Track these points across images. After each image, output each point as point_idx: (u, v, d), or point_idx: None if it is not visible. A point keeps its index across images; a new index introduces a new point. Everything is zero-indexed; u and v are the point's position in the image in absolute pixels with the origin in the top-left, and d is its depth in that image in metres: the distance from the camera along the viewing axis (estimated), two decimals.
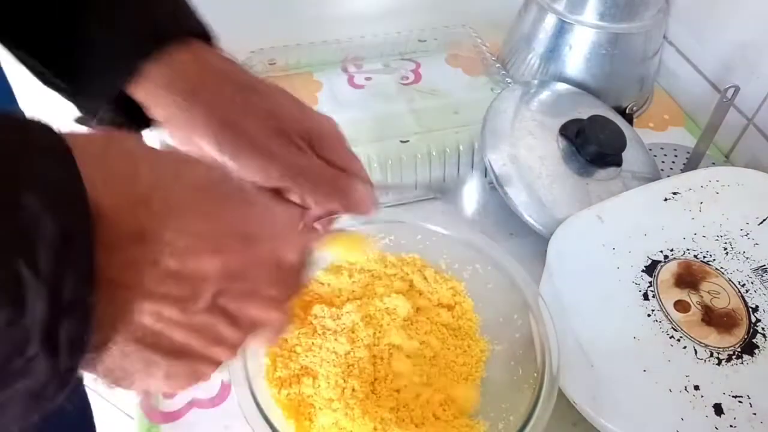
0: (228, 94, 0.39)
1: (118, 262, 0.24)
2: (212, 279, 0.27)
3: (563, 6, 0.72)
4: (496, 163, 0.61)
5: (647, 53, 0.75)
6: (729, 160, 0.74)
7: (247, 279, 0.29)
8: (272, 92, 0.41)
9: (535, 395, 0.43)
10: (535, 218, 0.59)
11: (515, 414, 0.44)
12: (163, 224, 0.25)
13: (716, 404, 0.45)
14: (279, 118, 0.40)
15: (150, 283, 0.25)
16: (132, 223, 0.24)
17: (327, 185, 0.40)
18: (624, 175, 0.63)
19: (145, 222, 0.25)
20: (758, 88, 0.69)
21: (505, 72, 0.77)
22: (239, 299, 0.29)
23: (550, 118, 0.65)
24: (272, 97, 0.41)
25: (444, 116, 0.72)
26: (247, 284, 0.29)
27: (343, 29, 0.80)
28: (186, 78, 0.38)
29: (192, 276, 0.26)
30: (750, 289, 0.52)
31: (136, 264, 0.24)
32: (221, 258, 0.27)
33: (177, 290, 0.26)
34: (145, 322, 0.25)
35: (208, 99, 0.38)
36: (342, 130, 0.43)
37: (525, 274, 0.50)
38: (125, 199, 0.24)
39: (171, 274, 0.25)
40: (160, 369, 0.27)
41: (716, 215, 0.57)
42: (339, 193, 0.40)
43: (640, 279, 0.52)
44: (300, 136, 0.40)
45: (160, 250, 0.25)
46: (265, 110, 0.40)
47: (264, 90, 0.41)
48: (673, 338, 0.49)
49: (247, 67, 0.42)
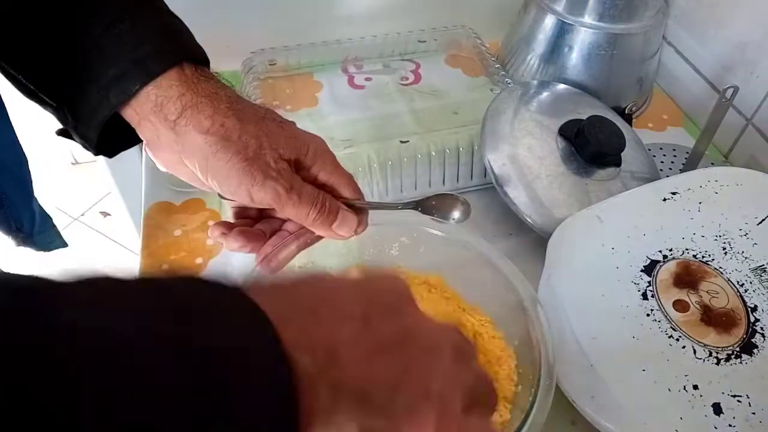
0: (218, 116, 0.39)
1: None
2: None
3: (563, 7, 0.73)
4: (495, 163, 0.61)
5: (646, 54, 0.75)
6: (728, 160, 0.74)
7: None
8: (261, 116, 0.41)
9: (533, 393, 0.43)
10: (535, 218, 0.59)
11: (514, 411, 0.44)
12: (359, 384, 0.24)
13: (715, 404, 0.45)
14: (268, 140, 0.40)
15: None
16: (329, 382, 0.23)
17: (316, 211, 0.41)
18: (623, 175, 0.64)
19: (341, 381, 0.24)
20: (757, 88, 0.69)
21: (505, 72, 0.77)
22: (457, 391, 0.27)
23: (550, 119, 0.66)
24: (261, 121, 0.41)
25: (444, 116, 0.72)
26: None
27: (343, 30, 0.81)
28: (177, 101, 0.38)
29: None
30: (749, 289, 0.52)
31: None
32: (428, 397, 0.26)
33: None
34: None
35: (199, 123, 0.38)
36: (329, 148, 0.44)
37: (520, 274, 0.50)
38: (314, 363, 0.23)
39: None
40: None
41: (715, 215, 0.57)
42: (325, 221, 0.41)
43: (639, 279, 0.53)
44: (288, 158, 0.41)
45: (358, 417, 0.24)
46: (254, 134, 0.40)
47: (253, 114, 0.41)
48: (672, 338, 0.49)
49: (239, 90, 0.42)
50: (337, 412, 0.23)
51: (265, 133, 0.40)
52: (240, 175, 0.39)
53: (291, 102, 0.73)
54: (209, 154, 0.38)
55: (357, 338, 0.25)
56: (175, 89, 0.39)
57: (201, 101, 0.39)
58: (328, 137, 0.67)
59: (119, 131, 0.41)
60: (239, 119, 0.40)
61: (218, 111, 0.39)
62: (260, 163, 0.39)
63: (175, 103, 0.38)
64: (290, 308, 0.24)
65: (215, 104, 0.39)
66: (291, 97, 0.74)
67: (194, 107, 0.39)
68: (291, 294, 0.26)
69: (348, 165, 0.63)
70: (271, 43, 0.77)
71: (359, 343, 0.25)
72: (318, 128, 0.68)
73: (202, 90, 0.39)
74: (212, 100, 0.39)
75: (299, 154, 0.42)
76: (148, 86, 0.38)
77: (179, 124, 0.38)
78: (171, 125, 0.38)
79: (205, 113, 0.39)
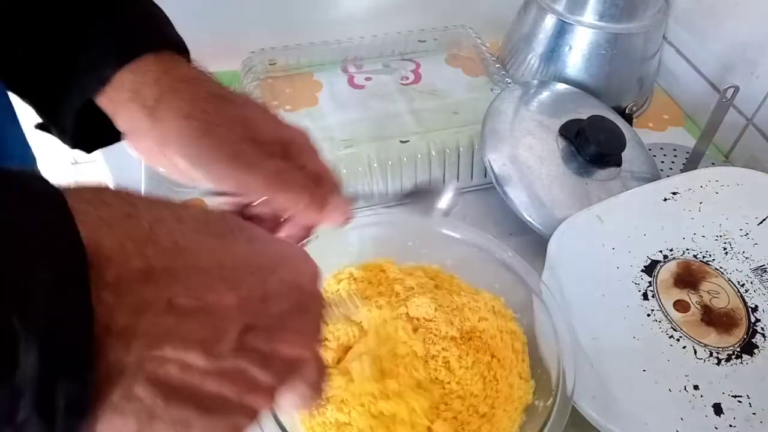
0: (199, 103, 0.37)
1: (128, 307, 0.21)
2: (233, 315, 0.24)
3: (563, 6, 0.72)
4: (495, 163, 0.61)
5: (647, 53, 0.75)
6: (728, 160, 0.74)
7: (270, 312, 0.26)
8: (244, 101, 0.40)
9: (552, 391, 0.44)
10: (535, 218, 0.59)
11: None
12: (172, 260, 0.23)
13: (716, 404, 0.45)
14: (253, 126, 0.38)
15: (168, 326, 0.22)
16: (139, 263, 0.22)
17: (307, 195, 0.38)
18: (623, 175, 0.64)
19: (154, 260, 0.22)
20: (758, 88, 0.69)
21: (505, 72, 0.77)
22: (266, 336, 0.26)
23: (550, 118, 0.66)
24: (244, 106, 0.39)
25: (444, 116, 0.72)
26: (271, 318, 0.26)
27: (343, 29, 0.80)
28: (154, 86, 0.36)
29: (212, 312, 0.24)
30: (749, 289, 0.52)
31: (149, 306, 0.22)
32: (238, 292, 0.25)
33: (198, 331, 0.23)
34: (169, 372, 0.22)
35: (179, 108, 0.36)
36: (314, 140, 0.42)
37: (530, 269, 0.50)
38: (128, 238, 0.22)
39: (189, 313, 0.23)
40: (197, 428, 0.23)
41: (716, 215, 0.57)
42: (317, 204, 0.39)
43: (640, 279, 0.53)
44: (275, 144, 0.39)
45: (173, 287, 0.23)
46: (238, 119, 0.38)
47: (235, 99, 0.39)
48: (673, 338, 0.49)
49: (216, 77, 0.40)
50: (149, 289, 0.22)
51: (250, 118, 0.38)
52: (228, 160, 0.36)
53: (291, 102, 0.73)
54: (191, 139, 0.36)
55: (174, 226, 0.24)
56: (151, 74, 0.36)
57: (179, 86, 0.37)
58: (328, 137, 0.68)
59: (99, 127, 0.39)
60: (222, 104, 0.38)
61: (199, 96, 0.37)
62: (247, 149, 0.37)
63: (151, 88, 0.36)
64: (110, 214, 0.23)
65: (195, 89, 0.37)
66: (291, 97, 0.74)
67: (173, 92, 0.36)
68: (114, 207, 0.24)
69: (348, 165, 0.63)
70: (271, 43, 0.77)
71: (176, 228, 0.24)
72: (318, 128, 0.68)
73: (181, 75, 0.37)
74: (191, 85, 0.37)
75: (285, 142, 0.40)
76: (122, 71, 0.36)
77: (157, 110, 0.36)
78: (148, 112, 0.36)
79: (185, 98, 0.36)
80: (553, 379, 0.45)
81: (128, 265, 0.22)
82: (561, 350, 0.45)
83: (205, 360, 0.23)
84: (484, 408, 0.46)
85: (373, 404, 0.44)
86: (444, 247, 0.54)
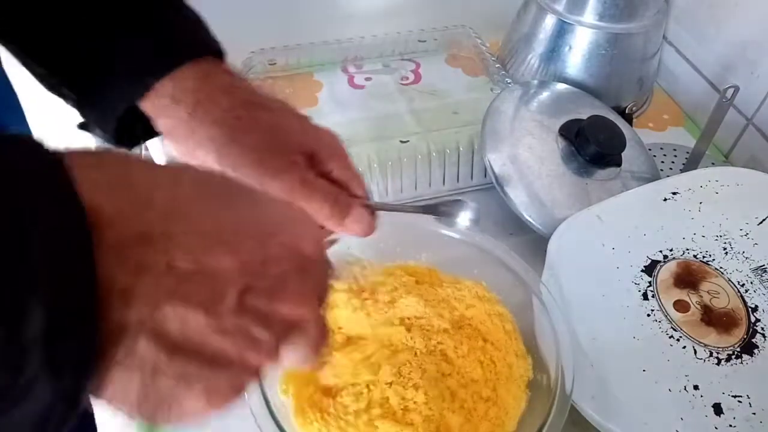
0: (233, 109, 0.39)
1: (129, 269, 0.22)
2: (233, 276, 0.25)
3: (563, 6, 0.72)
4: (495, 163, 0.61)
5: (647, 53, 0.75)
6: (728, 160, 0.74)
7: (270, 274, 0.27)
8: (278, 108, 0.42)
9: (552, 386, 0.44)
10: (535, 218, 0.59)
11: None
12: (170, 224, 0.24)
13: (716, 404, 0.45)
14: (283, 133, 0.40)
15: (168, 287, 0.23)
16: (138, 226, 0.23)
17: (328, 205, 0.40)
18: (623, 175, 0.64)
19: (153, 223, 0.23)
20: (758, 88, 0.69)
21: (505, 72, 0.77)
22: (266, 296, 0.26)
23: (550, 118, 0.66)
24: (277, 114, 0.41)
25: (444, 116, 0.72)
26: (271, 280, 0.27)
27: (343, 29, 0.81)
28: (192, 92, 0.39)
29: (211, 275, 0.24)
30: (749, 289, 0.52)
31: (149, 268, 0.23)
32: (238, 255, 0.25)
33: (198, 292, 0.24)
34: (171, 329, 0.23)
35: (213, 113, 0.39)
36: (344, 145, 0.43)
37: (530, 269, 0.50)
38: (127, 202, 0.23)
39: (188, 275, 0.23)
40: (199, 382, 0.24)
41: (716, 215, 0.57)
42: (338, 215, 0.40)
43: (640, 279, 0.53)
44: (303, 152, 0.40)
45: (172, 251, 0.23)
46: (269, 126, 0.40)
47: (269, 106, 0.41)
48: (673, 338, 0.49)
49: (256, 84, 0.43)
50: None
51: (280, 125, 0.40)
52: (253, 166, 0.38)
53: (291, 102, 0.72)
54: (221, 144, 0.38)
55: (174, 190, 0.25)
56: (191, 83, 0.39)
57: (216, 94, 0.39)
58: None
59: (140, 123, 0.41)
60: (255, 111, 0.40)
61: (233, 103, 0.39)
62: (274, 156, 0.39)
63: (190, 97, 0.39)
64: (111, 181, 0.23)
65: (230, 97, 0.39)
66: (291, 97, 0.74)
67: (210, 100, 0.39)
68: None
69: None
70: (271, 43, 0.77)
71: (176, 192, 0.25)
72: None
73: (218, 84, 0.40)
74: (227, 93, 0.40)
75: (314, 149, 0.41)
76: (164, 80, 0.38)
77: (194, 117, 0.39)
78: (186, 118, 0.39)
79: (221, 106, 0.39)
80: (553, 378, 0.45)
81: (128, 229, 0.22)
82: (560, 350, 0.45)
83: (205, 318, 0.24)
84: (486, 392, 0.46)
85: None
86: (444, 247, 0.54)
